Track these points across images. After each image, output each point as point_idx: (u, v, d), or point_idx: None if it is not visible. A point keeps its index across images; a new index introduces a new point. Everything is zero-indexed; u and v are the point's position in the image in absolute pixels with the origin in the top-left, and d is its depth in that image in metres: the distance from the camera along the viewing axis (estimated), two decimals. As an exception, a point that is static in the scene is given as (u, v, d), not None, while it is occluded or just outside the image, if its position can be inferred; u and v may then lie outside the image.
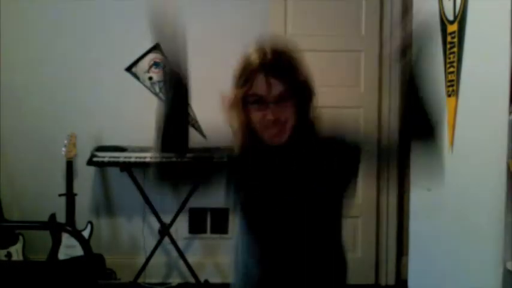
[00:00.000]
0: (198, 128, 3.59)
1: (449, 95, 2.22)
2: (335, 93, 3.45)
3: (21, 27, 3.74)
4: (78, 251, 3.31)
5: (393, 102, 3.76)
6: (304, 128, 1.45)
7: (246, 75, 1.40)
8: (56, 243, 3.44)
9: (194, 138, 1.67)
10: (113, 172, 3.73)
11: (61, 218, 3.48)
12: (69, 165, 3.54)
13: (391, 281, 3.87)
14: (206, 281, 3.67)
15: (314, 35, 3.71)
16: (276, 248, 1.49)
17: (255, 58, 1.40)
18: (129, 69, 3.79)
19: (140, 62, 3.79)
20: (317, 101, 1.47)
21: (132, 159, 3.50)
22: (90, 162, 3.53)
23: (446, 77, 2.24)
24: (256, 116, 1.40)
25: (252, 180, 1.50)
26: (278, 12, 3.72)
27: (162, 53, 3.78)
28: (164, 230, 3.63)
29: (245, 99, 1.41)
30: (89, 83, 3.76)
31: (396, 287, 3.83)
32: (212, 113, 1.72)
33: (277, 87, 1.37)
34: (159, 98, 3.79)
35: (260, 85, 1.38)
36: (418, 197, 2.59)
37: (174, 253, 3.70)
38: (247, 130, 1.45)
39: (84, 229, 3.54)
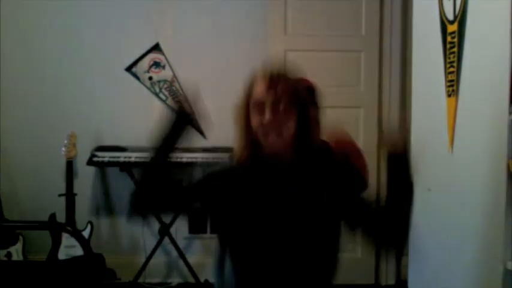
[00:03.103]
0: (198, 128, 3.58)
1: (449, 95, 2.22)
2: (335, 93, 3.44)
3: (21, 27, 3.74)
4: (78, 251, 3.32)
5: (393, 102, 3.76)
6: (305, 139, 1.51)
7: (251, 86, 1.51)
8: (56, 243, 3.44)
9: (195, 138, 1.68)
10: (113, 172, 3.73)
11: (61, 218, 3.47)
12: (69, 165, 3.54)
13: (391, 281, 3.86)
14: (206, 281, 3.67)
15: (314, 35, 3.70)
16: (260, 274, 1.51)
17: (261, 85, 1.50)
18: (129, 69, 3.79)
19: (140, 62, 3.79)
20: (320, 117, 1.57)
21: (132, 159, 3.50)
22: (90, 162, 3.53)
23: (446, 77, 2.24)
24: (256, 120, 1.48)
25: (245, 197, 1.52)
26: (278, 12, 3.71)
27: (163, 54, 3.79)
28: (164, 230, 3.63)
29: (247, 107, 1.50)
30: (89, 83, 3.76)
31: (396, 287, 3.83)
32: (212, 112, 1.72)
33: (274, 92, 1.47)
34: (159, 98, 3.79)
35: (260, 91, 1.48)
36: (418, 197, 2.58)
37: (174, 253, 3.70)
38: (250, 139, 1.51)
39: (84, 229, 3.54)
